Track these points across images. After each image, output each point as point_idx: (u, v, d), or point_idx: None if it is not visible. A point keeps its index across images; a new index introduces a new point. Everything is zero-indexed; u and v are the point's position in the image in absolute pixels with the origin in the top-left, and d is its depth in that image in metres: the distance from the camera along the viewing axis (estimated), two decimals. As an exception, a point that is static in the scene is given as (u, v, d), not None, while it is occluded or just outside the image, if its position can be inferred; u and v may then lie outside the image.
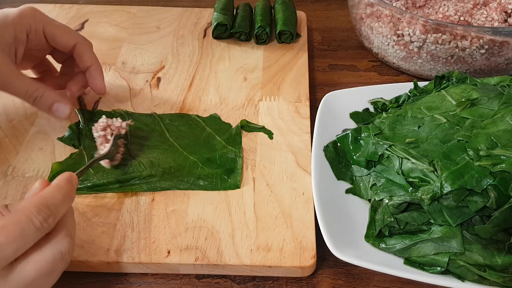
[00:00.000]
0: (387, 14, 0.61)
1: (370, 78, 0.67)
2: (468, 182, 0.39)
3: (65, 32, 0.51)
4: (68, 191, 0.37)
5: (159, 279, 0.44)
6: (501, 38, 0.56)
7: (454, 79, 0.54)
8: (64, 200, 0.36)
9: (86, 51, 0.52)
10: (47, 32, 0.50)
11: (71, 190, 0.38)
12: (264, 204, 0.47)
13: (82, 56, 0.52)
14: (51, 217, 0.34)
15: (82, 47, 0.52)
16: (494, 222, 0.38)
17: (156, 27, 0.71)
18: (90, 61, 0.53)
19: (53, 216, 0.35)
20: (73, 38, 0.52)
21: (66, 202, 0.37)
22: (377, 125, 0.49)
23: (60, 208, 0.36)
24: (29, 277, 0.33)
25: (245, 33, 0.68)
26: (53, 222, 0.35)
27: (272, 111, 0.58)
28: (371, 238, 0.43)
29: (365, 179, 0.47)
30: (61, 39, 0.51)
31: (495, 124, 0.43)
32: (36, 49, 0.52)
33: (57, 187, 0.37)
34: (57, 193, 0.36)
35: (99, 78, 0.53)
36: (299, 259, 0.43)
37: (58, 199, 0.36)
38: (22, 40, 0.49)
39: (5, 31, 0.47)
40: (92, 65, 0.53)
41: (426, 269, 0.40)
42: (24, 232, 0.32)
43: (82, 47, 0.52)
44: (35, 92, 0.48)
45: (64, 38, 0.51)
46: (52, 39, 0.51)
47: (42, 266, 0.33)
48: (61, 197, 0.36)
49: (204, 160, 0.51)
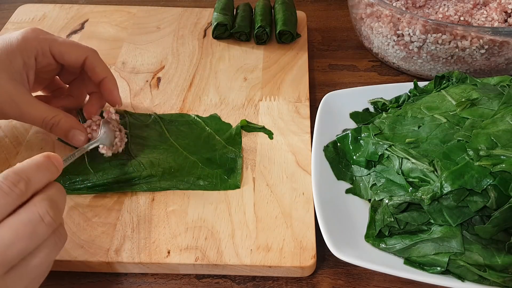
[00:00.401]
0: (387, 14, 0.61)
1: (370, 78, 0.67)
2: (468, 182, 0.39)
3: (72, 48, 0.50)
4: (44, 162, 0.35)
5: (159, 279, 0.44)
6: (501, 38, 0.56)
7: (454, 79, 0.54)
8: (38, 169, 0.34)
9: (98, 63, 0.51)
10: (54, 51, 0.49)
11: (47, 162, 0.35)
12: (264, 204, 0.47)
13: (95, 69, 0.50)
14: (21, 182, 0.32)
15: (92, 60, 0.50)
16: (494, 222, 0.38)
17: (156, 27, 0.71)
18: (104, 73, 0.51)
19: (24, 182, 0.33)
20: (82, 52, 0.50)
21: (40, 171, 0.34)
22: (377, 125, 0.49)
23: (34, 177, 0.34)
24: (6, 240, 0.31)
25: (245, 33, 0.68)
26: (26, 188, 0.33)
27: (272, 111, 0.58)
28: (371, 238, 0.43)
29: (365, 179, 0.47)
30: (69, 56, 0.49)
31: (495, 124, 0.43)
32: (45, 70, 0.51)
33: (30, 159, 0.35)
34: (29, 162, 0.34)
35: (115, 90, 0.52)
36: (299, 259, 0.43)
37: (31, 168, 0.34)
38: (31, 65, 0.48)
39: (13, 59, 0.46)
40: (106, 77, 0.51)
41: (426, 269, 0.40)
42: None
43: (93, 60, 0.50)
44: (52, 120, 0.47)
45: (73, 54, 0.49)
46: (60, 57, 0.49)
47: (18, 227, 0.32)
48: (34, 166, 0.34)
49: (204, 160, 0.51)
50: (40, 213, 0.33)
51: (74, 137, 0.48)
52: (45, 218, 0.33)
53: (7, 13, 0.74)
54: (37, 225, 0.33)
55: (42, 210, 0.33)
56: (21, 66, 0.47)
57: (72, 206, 0.47)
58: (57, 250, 0.35)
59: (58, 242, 0.35)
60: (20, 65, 0.47)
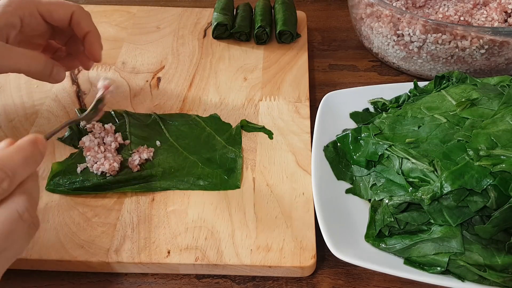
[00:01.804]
0: (387, 14, 0.61)
1: (370, 78, 0.67)
2: (468, 182, 0.39)
3: (59, 5, 0.51)
4: (31, 153, 0.34)
5: (159, 279, 0.44)
6: (501, 38, 0.56)
7: (454, 79, 0.54)
8: (25, 163, 0.33)
9: (83, 18, 0.51)
10: (42, 11, 0.50)
11: (34, 152, 0.34)
12: (264, 204, 0.47)
13: (80, 24, 0.51)
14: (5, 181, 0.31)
15: (78, 15, 0.51)
16: (494, 222, 0.38)
17: (156, 27, 0.71)
18: (88, 27, 0.52)
19: (8, 180, 0.31)
20: (69, 8, 0.51)
21: (27, 165, 0.33)
22: (377, 125, 0.49)
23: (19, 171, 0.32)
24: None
25: (245, 33, 0.68)
26: (8, 186, 0.32)
27: (272, 111, 0.58)
28: (371, 238, 0.43)
29: (365, 179, 0.47)
30: (57, 12, 0.50)
31: (495, 124, 0.43)
32: (37, 34, 0.52)
33: (18, 148, 0.33)
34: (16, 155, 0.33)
35: (96, 44, 0.52)
36: (299, 259, 0.43)
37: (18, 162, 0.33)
38: (14, 25, 0.48)
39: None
40: (90, 32, 0.52)
41: (426, 269, 0.40)
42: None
43: (78, 15, 0.51)
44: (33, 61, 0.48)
45: (61, 11, 0.50)
46: (49, 16, 0.50)
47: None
48: (21, 160, 0.33)
49: (204, 160, 0.51)
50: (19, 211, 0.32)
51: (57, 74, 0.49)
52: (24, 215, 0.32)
53: (7, 13, 0.74)
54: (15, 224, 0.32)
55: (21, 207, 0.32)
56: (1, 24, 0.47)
57: (72, 206, 0.47)
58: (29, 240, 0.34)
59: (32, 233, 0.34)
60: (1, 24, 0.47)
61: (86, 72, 0.63)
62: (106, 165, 0.48)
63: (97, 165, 0.49)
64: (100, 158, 0.49)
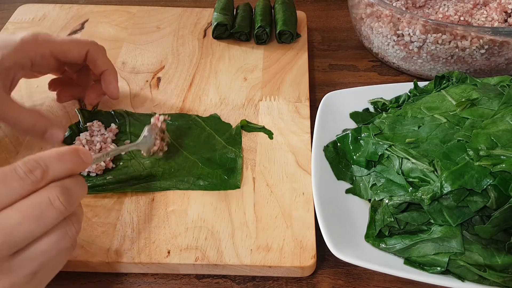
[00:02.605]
0: (387, 14, 0.61)
1: (370, 78, 0.67)
2: (468, 182, 0.39)
3: (73, 45, 0.50)
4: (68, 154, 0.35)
5: (159, 279, 0.44)
6: (501, 38, 0.56)
7: (454, 79, 0.54)
8: (59, 159, 0.34)
9: (99, 56, 0.52)
10: (55, 52, 0.49)
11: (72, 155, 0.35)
12: (264, 204, 0.47)
13: (96, 62, 0.51)
14: (38, 169, 0.32)
15: (94, 53, 0.51)
16: (494, 222, 0.38)
17: (156, 27, 0.71)
18: (104, 66, 0.52)
19: (41, 169, 0.32)
20: (83, 47, 0.51)
21: (62, 162, 0.34)
22: (377, 125, 0.49)
23: (53, 165, 0.33)
24: (13, 220, 0.31)
25: (245, 33, 0.68)
26: (41, 176, 0.32)
27: (272, 111, 0.58)
28: (371, 238, 0.43)
29: (365, 179, 0.47)
30: (72, 53, 0.50)
31: (495, 124, 0.43)
32: (47, 68, 0.52)
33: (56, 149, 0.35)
34: (52, 151, 0.34)
35: (114, 83, 0.53)
36: (299, 259, 0.43)
37: (52, 156, 0.33)
38: (23, 66, 0.48)
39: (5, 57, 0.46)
40: (107, 70, 0.52)
41: (426, 269, 0.40)
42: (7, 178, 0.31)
43: (94, 53, 0.51)
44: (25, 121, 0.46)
45: (75, 51, 0.50)
46: (63, 56, 0.50)
47: (25, 209, 0.31)
48: (56, 156, 0.34)
49: (204, 160, 0.51)
50: (50, 197, 0.32)
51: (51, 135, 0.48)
52: (55, 202, 0.32)
53: (7, 13, 0.74)
54: (45, 209, 0.32)
55: (52, 194, 0.32)
56: (10, 64, 0.46)
57: (72, 206, 0.47)
58: (67, 240, 0.34)
59: (69, 231, 0.34)
60: (10, 63, 0.46)
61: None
62: (93, 165, 0.48)
63: None
64: None
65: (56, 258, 0.34)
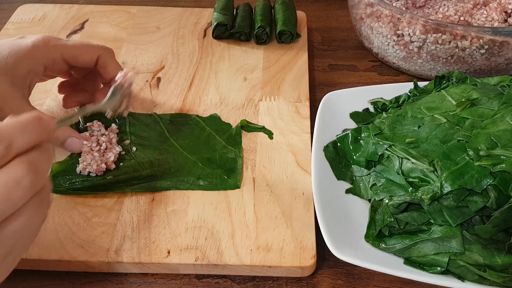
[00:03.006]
0: (387, 14, 0.61)
1: (370, 78, 0.67)
2: (468, 182, 0.39)
3: (85, 49, 0.50)
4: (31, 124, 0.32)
5: (159, 279, 0.44)
6: (501, 38, 0.56)
7: (454, 79, 0.54)
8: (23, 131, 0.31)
9: (110, 61, 0.51)
10: (67, 56, 0.49)
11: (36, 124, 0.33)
12: (264, 204, 0.47)
13: (106, 68, 0.51)
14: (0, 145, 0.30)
15: (105, 58, 0.51)
16: (494, 222, 0.38)
17: (156, 27, 0.71)
18: (115, 71, 0.51)
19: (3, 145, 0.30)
20: (95, 52, 0.50)
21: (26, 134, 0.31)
22: (377, 125, 0.49)
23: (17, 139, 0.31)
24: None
25: (245, 33, 0.68)
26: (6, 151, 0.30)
27: (272, 111, 0.58)
28: (371, 238, 0.43)
29: (365, 179, 0.47)
30: (83, 58, 0.50)
31: (495, 124, 0.43)
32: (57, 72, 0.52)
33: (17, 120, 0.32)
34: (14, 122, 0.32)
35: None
36: (299, 259, 0.43)
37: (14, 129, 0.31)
38: (37, 72, 0.48)
39: (18, 65, 0.46)
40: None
41: (426, 269, 0.40)
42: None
43: (105, 58, 0.51)
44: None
45: (87, 55, 0.50)
46: (74, 61, 0.50)
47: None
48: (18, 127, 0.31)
49: (204, 160, 0.51)
50: (17, 176, 0.30)
51: (71, 144, 0.48)
52: (22, 182, 0.31)
53: (7, 13, 0.74)
54: (12, 189, 0.30)
55: (19, 173, 0.31)
56: (25, 72, 0.46)
57: (72, 206, 0.47)
58: (39, 216, 0.33)
59: (40, 208, 0.32)
60: (25, 71, 0.46)
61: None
62: (93, 166, 0.48)
63: (83, 165, 0.48)
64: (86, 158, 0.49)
65: (29, 235, 0.32)
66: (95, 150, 0.50)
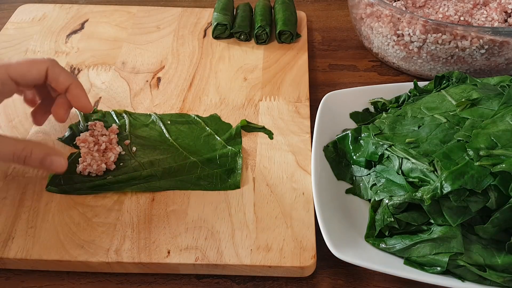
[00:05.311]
0: (387, 14, 0.61)
1: (370, 78, 0.67)
2: (468, 182, 0.39)
3: (31, 65, 0.46)
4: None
5: (159, 279, 0.44)
6: (501, 38, 0.56)
7: (454, 79, 0.54)
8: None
9: (59, 72, 0.47)
10: (14, 75, 0.46)
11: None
12: (264, 204, 0.47)
13: (57, 80, 0.47)
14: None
15: (53, 71, 0.47)
16: (494, 222, 0.38)
17: (156, 27, 0.71)
18: (68, 80, 0.48)
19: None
20: (42, 65, 0.47)
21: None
22: (377, 125, 0.49)
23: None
24: None
25: (245, 33, 0.68)
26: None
27: (272, 111, 0.58)
28: (371, 238, 0.43)
29: (365, 179, 0.47)
30: (31, 74, 0.46)
31: (495, 124, 0.43)
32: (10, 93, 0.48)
33: None
34: None
35: (83, 96, 0.48)
36: (299, 259, 0.43)
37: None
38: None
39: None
40: (71, 84, 0.48)
41: (426, 269, 0.40)
42: None
43: (53, 72, 0.47)
44: (23, 152, 0.43)
45: (34, 71, 0.46)
46: (22, 80, 0.46)
47: None
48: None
49: (204, 160, 0.51)
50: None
51: (52, 164, 0.45)
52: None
53: (7, 13, 0.74)
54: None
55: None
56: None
57: (72, 206, 0.47)
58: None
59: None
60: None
61: (86, 71, 0.63)
62: (93, 166, 0.48)
63: (83, 165, 0.48)
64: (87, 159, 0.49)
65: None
66: (95, 150, 0.50)
